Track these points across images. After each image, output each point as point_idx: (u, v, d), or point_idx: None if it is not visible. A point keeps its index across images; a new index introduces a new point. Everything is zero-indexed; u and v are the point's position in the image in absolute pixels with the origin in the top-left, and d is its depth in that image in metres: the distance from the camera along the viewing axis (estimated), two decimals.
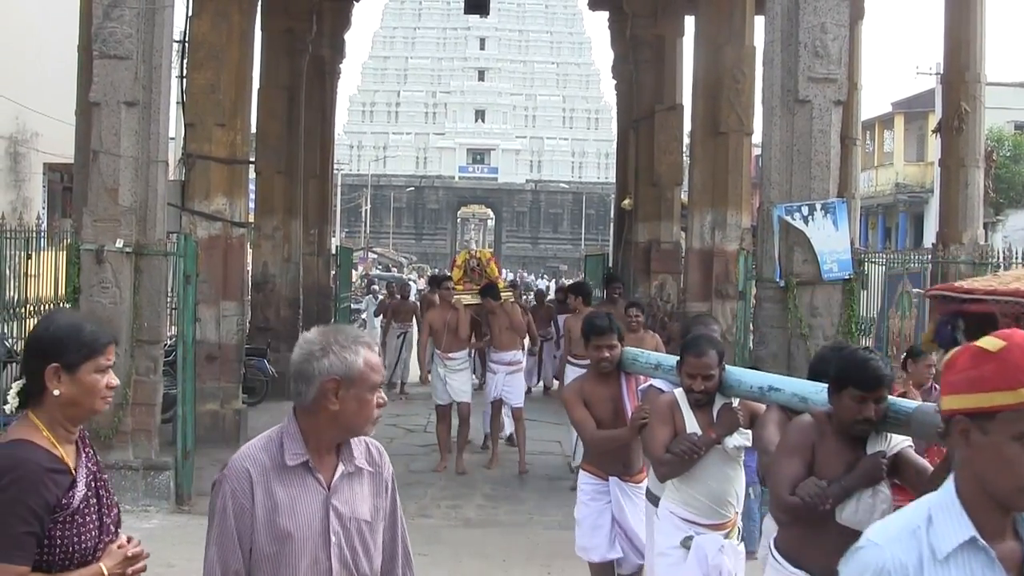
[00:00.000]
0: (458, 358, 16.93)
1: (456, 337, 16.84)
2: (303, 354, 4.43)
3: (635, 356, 8.75)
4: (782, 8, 12.85)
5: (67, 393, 4.48)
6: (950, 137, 18.18)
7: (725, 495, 7.73)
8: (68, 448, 4.51)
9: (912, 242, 56.10)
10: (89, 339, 4.56)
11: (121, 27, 12.91)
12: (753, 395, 7.50)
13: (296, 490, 4.39)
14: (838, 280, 12.64)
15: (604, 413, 8.70)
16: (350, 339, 4.47)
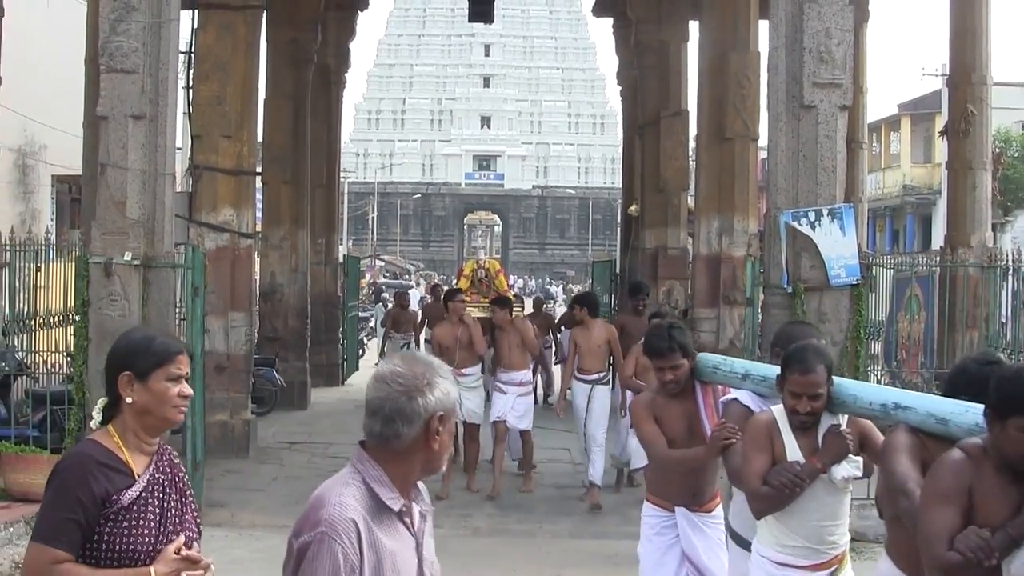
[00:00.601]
0: (471, 374, 15.85)
1: (470, 352, 15.76)
2: (404, 390, 3.92)
3: (716, 364, 7.69)
4: (786, 14, 12.85)
5: (139, 401, 4.59)
6: (957, 140, 18.20)
7: (829, 532, 6.64)
8: (138, 456, 4.61)
9: (920, 244, 56.08)
10: (159, 348, 4.66)
11: (128, 41, 12.94)
12: (874, 414, 6.47)
13: (395, 542, 3.95)
14: (846, 285, 12.62)
15: (677, 431, 7.71)
16: (438, 369, 4.04)
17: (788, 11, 12.85)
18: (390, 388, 3.92)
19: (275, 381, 21.14)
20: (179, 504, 4.68)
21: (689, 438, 7.65)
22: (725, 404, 7.43)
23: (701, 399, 7.75)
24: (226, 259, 17.11)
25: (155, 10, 13.09)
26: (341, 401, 24.78)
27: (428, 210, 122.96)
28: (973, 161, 17.99)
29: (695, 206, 20.27)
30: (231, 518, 13.61)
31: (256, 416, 18.49)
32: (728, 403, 7.39)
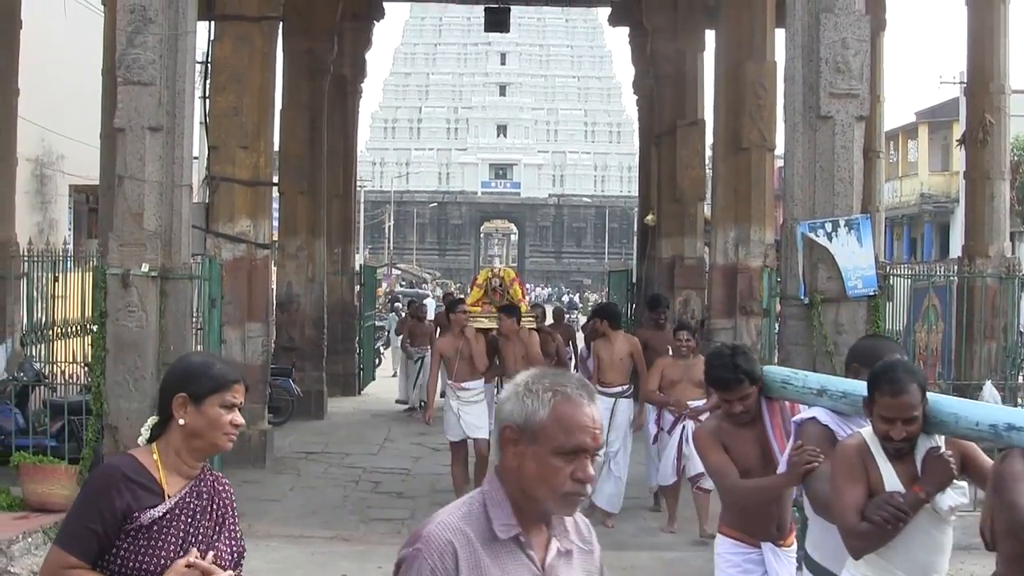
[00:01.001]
0: (473, 388, 15.25)
1: (470, 365, 15.25)
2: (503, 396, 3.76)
3: (785, 379, 6.90)
4: (803, 24, 12.82)
5: (191, 423, 4.65)
6: (974, 149, 18.14)
7: (936, 567, 5.88)
8: (175, 477, 4.65)
9: (938, 252, 55.95)
10: (218, 374, 4.72)
11: (145, 53, 12.96)
12: (980, 436, 5.74)
13: (505, 570, 3.65)
14: (863, 297, 12.58)
15: (749, 458, 6.97)
16: (549, 383, 3.67)
17: (804, 21, 12.82)
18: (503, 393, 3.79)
19: (292, 391, 21.16)
20: (213, 531, 4.69)
21: (763, 465, 6.96)
22: (799, 424, 6.55)
23: (768, 419, 7.09)
24: (243, 270, 17.16)
25: (172, 22, 13.11)
26: (358, 411, 24.85)
27: (444, 219, 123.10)
28: (991, 171, 17.93)
29: (712, 216, 20.29)
30: (248, 528, 13.51)
31: (273, 426, 18.51)
32: (804, 423, 6.51)
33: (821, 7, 12.65)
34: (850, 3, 12.66)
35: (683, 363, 13.94)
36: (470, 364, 15.25)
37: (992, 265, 17.00)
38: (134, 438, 12.32)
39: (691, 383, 13.66)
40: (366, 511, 14.94)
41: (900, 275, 17.84)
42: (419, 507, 15.07)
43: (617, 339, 15.19)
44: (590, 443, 3.61)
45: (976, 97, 18.20)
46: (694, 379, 13.30)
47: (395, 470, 17.70)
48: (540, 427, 3.59)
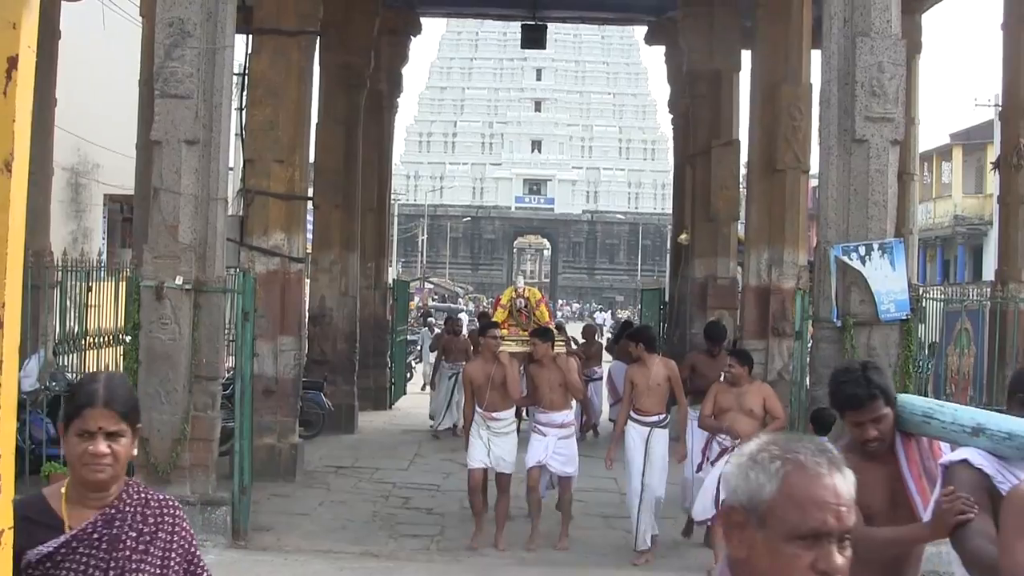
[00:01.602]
0: (504, 419, 14.34)
1: (503, 394, 14.19)
2: (727, 470, 3.04)
3: (927, 412, 5.70)
4: (839, 47, 12.83)
5: (66, 452, 4.31)
6: (1008, 173, 18.10)
7: None
8: (80, 510, 4.31)
9: (971, 275, 55.74)
10: (78, 398, 4.29)
11: (182, 67, 13.04)
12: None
13: None
14: (895, 320, 12.58)
15: (875, 501, 5.60)
16: (779, 450, 2.94)
17: (840, 44, 12.83)
18: None
19: (323, 404, 21.19)
20: (136, 557, 4.32)
21: (891, 511, 5.73)
22: (947, 467, 5.41)
23: (903, 457, 5.83)
24: (276, 283, 17.21)
25: (210, 36, 13.19)
26: (388, 425, 24.87)
27: (478, 233, 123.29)
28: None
29: (745, 236, 20.25)
30: (277, 542, 13.65)
31: (303, 440, 18.54)
32: (953, 466, 5.37)
33: (857, 31, 12.67)
34: (886, 27, 12.67)
35: (736, 391, 12.96)
36: (502, 392, 14.21)
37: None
38: (165, 450, 12.45)
39: (742, 411, 12.84)
40: (395, 527, 14.92)
41: (933, 298, 17.83)
42: (448, 524, 15.09)
43: (654, 363, 14.02)
44: (833, 524, 2.86)
45: (1010, 121, 18.15)
46: (746, 407, 12.80)
47: (425, 486, 17.71)
48: (768, 506, 2.86)
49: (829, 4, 12.94)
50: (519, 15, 29.50)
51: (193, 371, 13.02)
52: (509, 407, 14.49)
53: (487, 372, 14.21)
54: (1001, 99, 19.55)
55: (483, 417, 14.22)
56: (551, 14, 29.49)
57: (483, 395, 14.19)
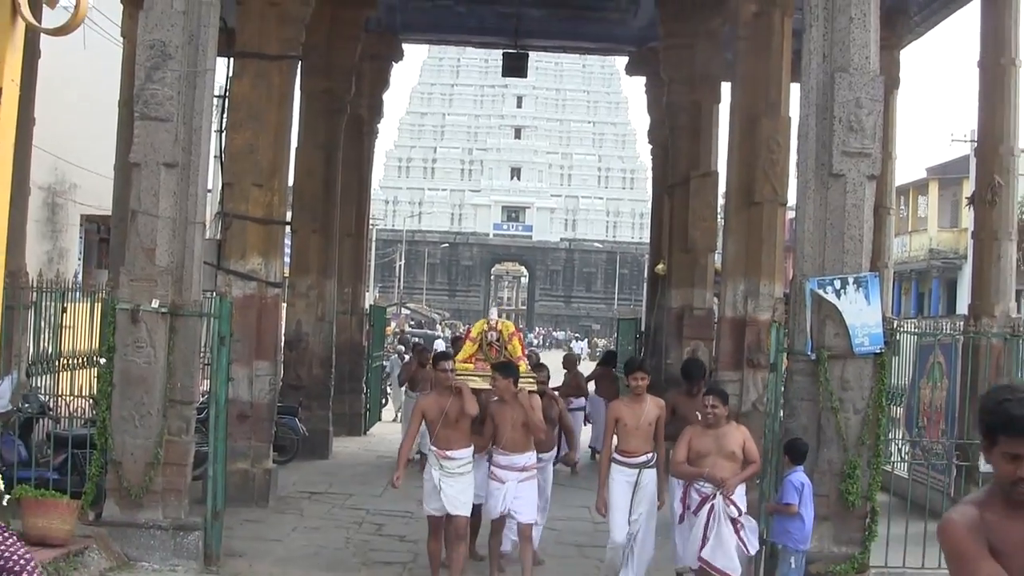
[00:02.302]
0: (459, 458, 12.98)
1: (457, 430, 12.95)
2: None
3: None
4: (817, 82, 12.91)
5: None
6: (983, 209, 18.25)
7: None
8: None
9: (945, 308, 55.98)
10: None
11: (163, 89, 13.05)
12: None
13: None
14: (869, 354, 12.63)
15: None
16: None
17: (819, 79, 12.91)
18: None
19: (297, 430, 21.15)
20: None
21: None
22: None
23: None
24: (253, 307, 17.18)
25: (191, 60, 13.21)
26: (363, 451, 24.82)
27: (456, 259, 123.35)
28: (999, 231, 18.02)
29: (722, 268, 20.27)
30: (249, 568, 13.61)
31: (277, 465, 18.49)
32: None
33: (836, 66, 12.76)
34: (865, 63, 12.76)
35: (714, 433, 12.14)
36: (456, 428, 12.96)
37: (997, 325, 17.10)
38: (138, 474, 12.43)
39: (722, 455, 12.05)
40: (368, 553, 14.89)
41: (907, 332, 17.91)
42: (421, 551, 14.99)
43: (647, 400, 12.94)
44: None
45: (986, 158, 18.30)
46: (726, 450, 12.04)
47: (398, 513, 17.65)
48: None
49: (809, 39, 13.02)
50: (501, 43, 29.58)
51: (168, 395, 13.00)
52: (464, 445, 13.04)
53: (441, 406, 12.93)
54: (977, 136, 19.68)
55: (436, 455, 13.00)
56: (533, 43, 29.55)
57: (434, 431, 12.98)
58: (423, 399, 13.80)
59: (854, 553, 12.66)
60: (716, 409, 12.12)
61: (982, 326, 16.94)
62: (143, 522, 12.88)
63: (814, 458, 12.43)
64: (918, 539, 13.16)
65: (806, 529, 11.81)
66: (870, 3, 12.86)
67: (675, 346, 23.76)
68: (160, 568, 12.73)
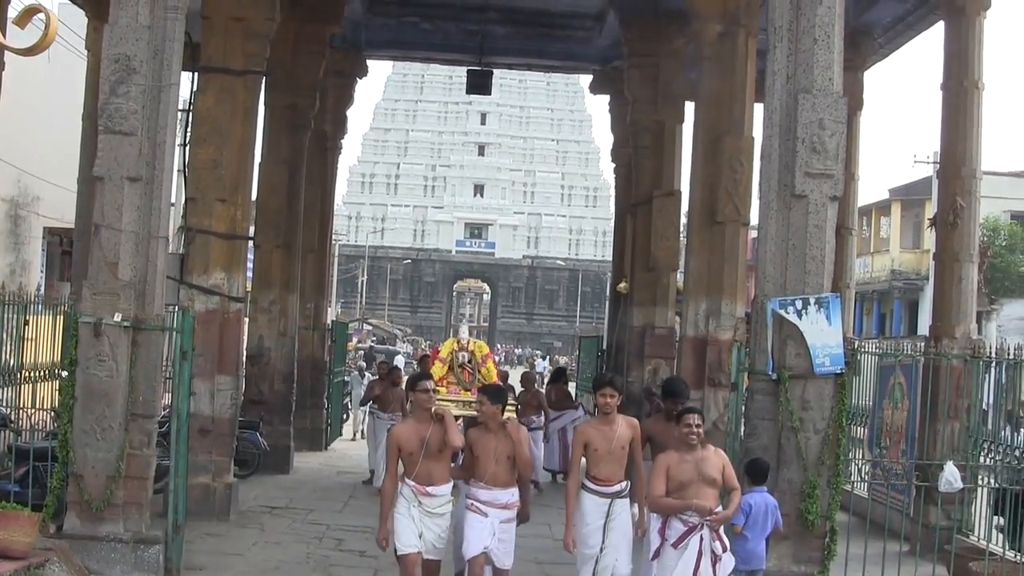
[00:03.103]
0: (441, 495, 11.51)
1: (439, 463, 11.49)
2: None
3: None
4: (781, 103, 12.97)
5: None
6: (945, 231, 18.34)
7: None
8: None
9: (907, 328, 56.27)
10: None
11: (127, 103, 13.01)
12: None
13: None
14: (830, 374, 12.68)
15: None
16: None
17: (783, 100, 12.97)
18: None
19: (259, 444, 21.11)
20: None
21: None
22: None
23: None
24: (215, 322, 17.16)
25: (156, 74, 13.18)
26: (324, 466, 24.78)
27: (418, 276, 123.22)
28: (960, 253, 18.12)
29: (684, 287, 20.37)
30: None
31: (238, 479, 18.45)
32: None
33: (799, 87, 12.82)
34: (828, 84, 12.83)
35: (692, 457, 11.14)
36: (438, 462, 11.49)
37: (958, 346, 17.19)
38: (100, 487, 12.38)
39: (704, 482, 11.10)
40: (329, 568, 14.87)
41: (868, 352, 18.00)
42: (382, 566, 15.02)
43: (619, 421, 11.75)
44: None
45: (948, 180, 18.41)
46: (708, 476, 11.10)
47: (359, 528, 17.63)
48: None
49: (773, 60, 13.08)
50: (465, 60, 29.66)
51: (129, 408, 12.95)
52: (446, 480, 11.59)
53: (420, 435, 11.35)
54: (939, 159, 19.82)
55: (415, 492, 11.40)
56: (497, 60, 29.65)
57: (413, 465, 11.37)
58: (398, 428, 11.84)
59: (813, 572, 12.67)
60: (699, 429, 11.15)
61: (943, 347, 17.03)
62: (104, 535, 12.82)
63: (774, 477, 12.44)
64: (877, 559, 13.24)
65: (747, 548, 11.65)
66: (834, 24, 12.92)
67: (636, 365, 23.85)
68: None
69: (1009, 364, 15.65)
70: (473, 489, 11.65)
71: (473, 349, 14.34)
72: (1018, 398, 16.19)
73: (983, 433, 16.48)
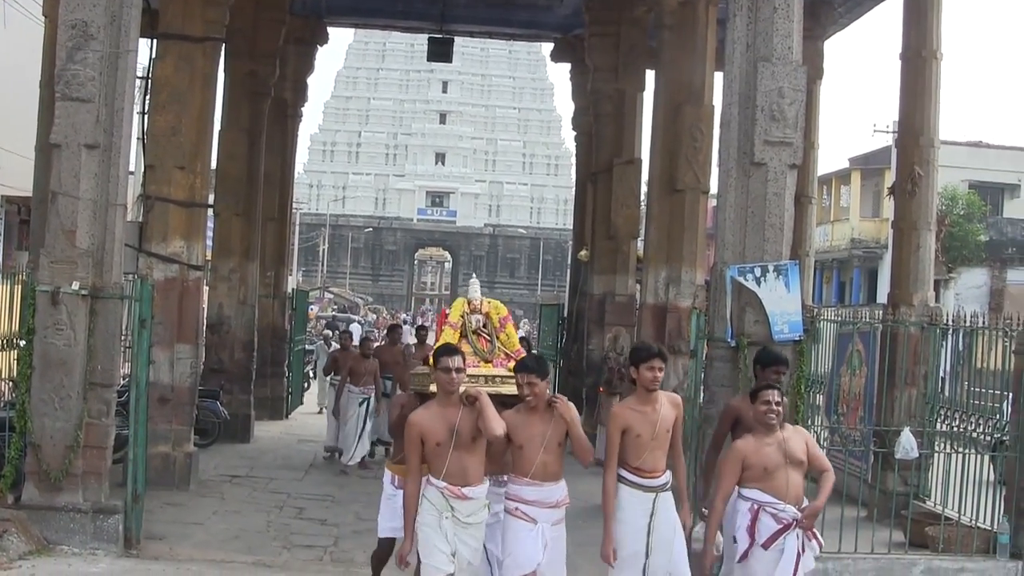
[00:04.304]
0: (476, 497, 9.28)
1: (473, 456, 9.23)
2: None
3: None
4: (740, 72, 12.99)
5: None
6: (903, 200, 18.40)
7: None
8: None
9: (866, 297, 56.51)
10: None
11: (84, 70, 12.93)
12: None
13: None
14: (788, 341, 12.73)
15: None
16: None
17: (742, 69, 12.99)
18: None
19: (219, 413, 21.06)
20: None
21: None
22: None
23: None
24: (174, 290, 17.09)
25: (113, 40, 13.10)
26: (285, 435, 24.74)
27: (379, 244, 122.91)
28: (918, 221, 18.19)
29: (644, 255, 20.40)
30: (169, 551, 13.54)
31: (198, 448, 18.41)
32: None
33: (759, 56, 12.85)
34: (787, 53, 12.86)
35: (773, 440, 9.69)
36: (472, 455, 9.26)
37: (916, 314, 17.25)
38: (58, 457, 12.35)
39: (792, 465, 9.67)
40: (289, 537, 14.87)
41: (826, 320, 18.07)
42: (343, 535, 15.06)
43: (661, 399, 9.85)
44: None
45: (906, 149, 18.46)
46: (795, 457, 9.67)
47: (320, 496, 17.66)
48: None
49: (733, 29, 13.10)
50: (427, 28, 29.55)
51: (88, 378, 12.90)
52: (481, 480, 9.38)
53: (449, 422, 9.17)
54: (898, 128, 19.86)
55: (446, 494, 9.19)
56: (458, 28, 29.55)
57: (442, 459, 9.20)
58: (419, 415, 9.36)
59: None
60: (780, 407, 9.73)
61: (900, 315, 17.10)
62: (63, 505, 12.78)
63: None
64: (835, 524, 13.30)
65: None
66: None
67: (597, 332, 23.89)
68: (80, 551, 12.65)
69: (966, 332, 15.73)
70: (514, 487, 9.46)
71: (488, 311, 11.12)
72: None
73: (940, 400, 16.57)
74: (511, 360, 10.58)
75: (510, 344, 10.96)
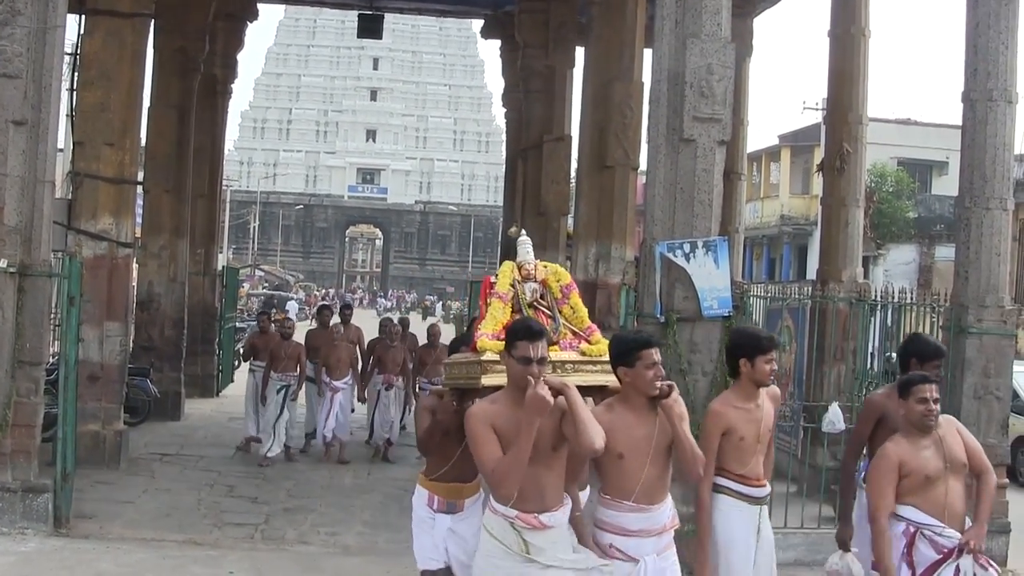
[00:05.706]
0: (555, 527, 6.99)
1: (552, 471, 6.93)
2: None
3: None
4: (669, 48, 13.02)
5: None
6: (832, 176, 18.58)
7: None
8: None
9: (796, 273, 56.93)
10: None
11: (12, 46, 12.80)
12: None
13: None
14: (718, 317, 12.80)
15: None
16: None
17: (672, 45, 13.01)
18: None
19: (149, 391, 20.97)
20: None
21: None
22: None
23: None
24: (104, 268, 16.97)
25: (41, 16, 12.97)
26: (215, 413, 24.65)
27: (310, 221, 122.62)
28: (847, 198, 18.38)
29: (574, 231, 20.44)
30: (100, 530, 13.49)
31: (128, 426, 18.29)
32: None
33: (688, 32, 12.87)
34: (716, 30, 12.89)
35: (930, 441, 8.03)
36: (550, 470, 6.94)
37: (844, 289, 17.44)
38: None
39: (954, 473, 8.03)
40: (220, 515, 14.84)
41: (756, 295, 18.20)
42: (273, 512, 15.05)
43: (761, 395, 8.50)
44: None
45: (835, 126, 18.64)
46: (957, 461, 8.06)
47: (250, 474, 17.65)
48: None
49: (662, 5, 13.11)
50: (356, 4, 29.42)
51: (16, 356, 12.80)
52: (562, 501, 7.07)
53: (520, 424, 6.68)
54: (827, 105, 20.02)
55: (517, 525, 6.88)
56: (388, 4, 29.44)
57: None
58: (481, 408, 6.94)
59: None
60: (937, 405, 8.07)
61: (829, 291, 17.30)
62: None
63: None
64: None
65: None
66: None
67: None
68: (9, 531, 12.58)
69: (894, 307, 15.89)
70: (610, 514, 7.35)
71: (546, 278, 8.78)
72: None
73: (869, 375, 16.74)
74: (580, 340, 8.33)
75: (577, 320, 8.53)
